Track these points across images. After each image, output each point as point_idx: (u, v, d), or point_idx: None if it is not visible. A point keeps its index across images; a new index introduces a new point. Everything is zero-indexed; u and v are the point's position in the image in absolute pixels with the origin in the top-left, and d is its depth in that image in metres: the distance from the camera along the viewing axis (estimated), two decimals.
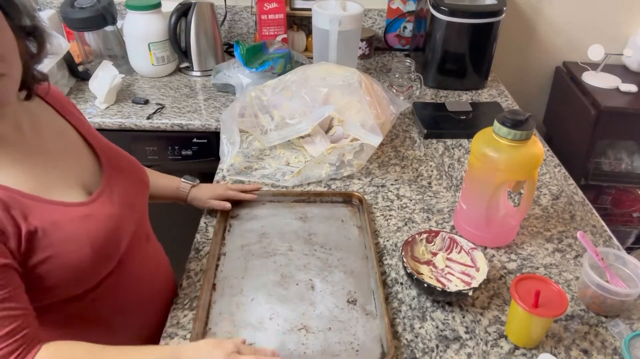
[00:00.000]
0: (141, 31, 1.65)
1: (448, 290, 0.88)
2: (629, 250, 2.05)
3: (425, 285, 0.89)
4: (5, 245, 0.65)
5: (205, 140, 1.54)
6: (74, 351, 0.70)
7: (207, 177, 1.24)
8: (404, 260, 0.92)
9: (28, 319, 0.67)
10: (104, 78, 1.52)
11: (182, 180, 1.11)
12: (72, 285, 0.74)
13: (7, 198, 0.66)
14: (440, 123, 1.50)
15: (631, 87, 1.83)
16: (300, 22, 1.96)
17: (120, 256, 0.80)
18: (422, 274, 0.96)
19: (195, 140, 1.54)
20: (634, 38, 1.96)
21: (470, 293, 0.89)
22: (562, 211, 1.19)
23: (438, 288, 0.88)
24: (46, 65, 1.44)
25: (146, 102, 1.58)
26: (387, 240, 1.08)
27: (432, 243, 1.01)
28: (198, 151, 1.55)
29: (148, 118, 1.50)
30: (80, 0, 1.62)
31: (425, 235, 1.01)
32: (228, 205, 1.11)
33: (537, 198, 1.23)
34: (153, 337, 0.88)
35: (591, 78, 1.90)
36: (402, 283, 0.97)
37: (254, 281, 0.96)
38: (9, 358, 0.64)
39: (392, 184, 1.26)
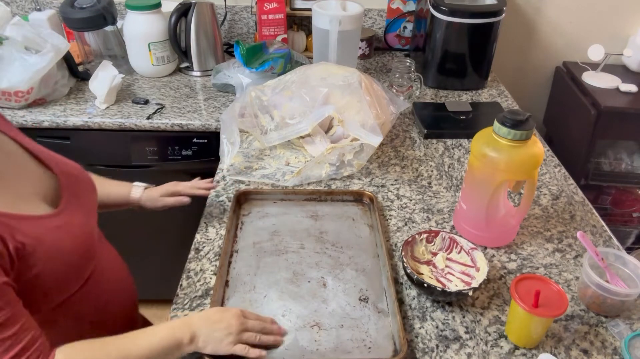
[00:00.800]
0: (141, 31, 1.65)
1: (448, 290, 0.88)
2: (629, 250, 2.05)
3: (425, 285, 0.89)
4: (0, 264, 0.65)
5: (205, 140, 1.54)
6: (89, 347, 0.72)
7: (207, 177, 1.24)
8: (404, 260, 0.92)
9: (37, 331, 0.68)
10: (104, 78, 1.52)
11: (134, 184, 1.08)
12: (60, 293, 0.75)
13: None
14: (440, 123, 1.50)
15: (631, 87, 1.83)
16: (300, 22, 1.96)
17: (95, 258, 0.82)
18: (422, 274, 0.96)
19: (195, 140, 1.54)
20: (634, 38, 1.96)
21: (470, 293, 0.89)
22: (562, 211, 1.19)
23: (438, 288, 0.88)
24: (46, 66, 1.45)
25: (146, 102, 1.58)
26: (387, 240, 1.08)
27: (432, 243, 1.01)
28: (198, 151, 1.55)
29: (148, 118, 1.50)
30: (80, 0, 1.62)
31: (425, 235, 1.01)
32: (186, 199, 1.07)
33: (537, 198, 1.23)
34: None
35: (591, 78, 1.90)
36: (402, 283, 0.97)
37: (266, 278, 0.97)
38: None
39: (392, 184, 1.26)
